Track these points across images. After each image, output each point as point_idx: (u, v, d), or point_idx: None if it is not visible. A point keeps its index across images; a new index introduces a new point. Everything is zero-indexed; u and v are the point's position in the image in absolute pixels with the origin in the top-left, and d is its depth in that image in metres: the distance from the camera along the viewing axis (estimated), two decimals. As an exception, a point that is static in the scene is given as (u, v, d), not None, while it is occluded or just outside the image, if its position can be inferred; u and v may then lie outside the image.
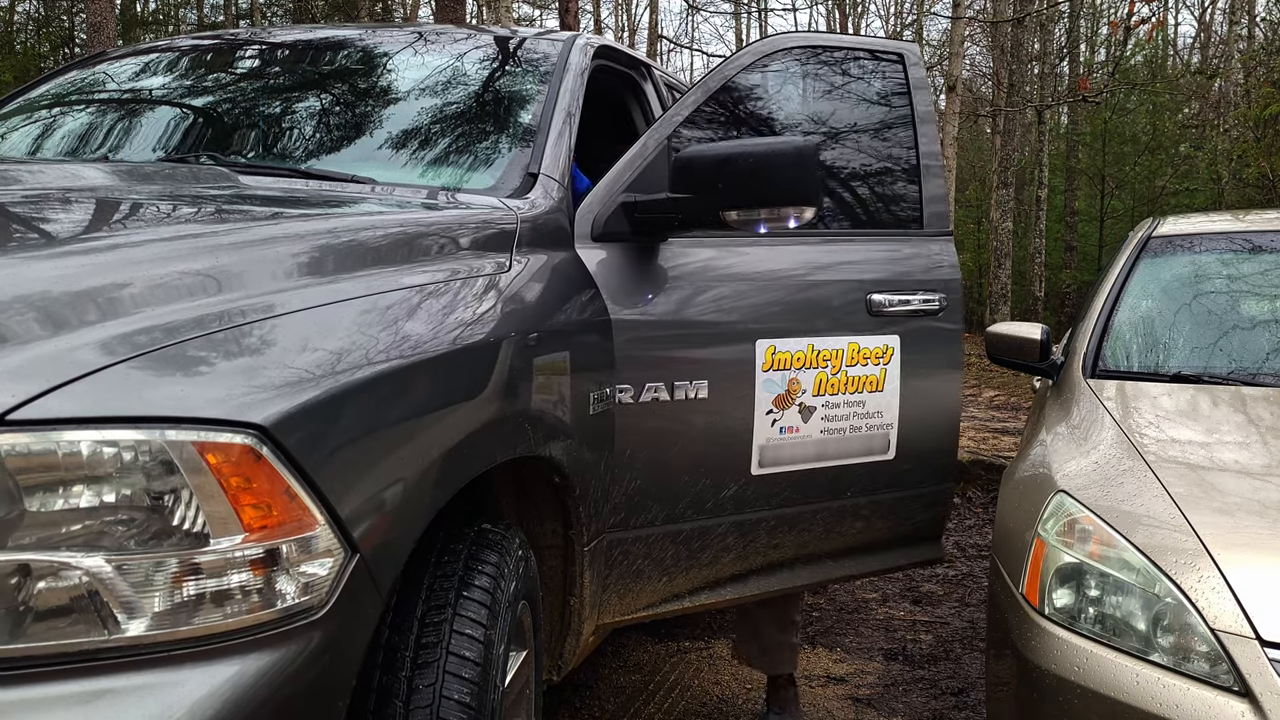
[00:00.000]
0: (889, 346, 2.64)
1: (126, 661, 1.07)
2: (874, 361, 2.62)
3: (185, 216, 1.62)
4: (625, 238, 2.27)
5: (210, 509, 1.12)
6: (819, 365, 2.52)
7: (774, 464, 2.50)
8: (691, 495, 2.39)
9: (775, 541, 2.59)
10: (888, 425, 2.67)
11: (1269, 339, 2.88)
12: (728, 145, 2.19)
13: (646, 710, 3.05)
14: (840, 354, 2.56)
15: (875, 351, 2.63)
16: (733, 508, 2.46)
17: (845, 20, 24.64)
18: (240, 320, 1.27)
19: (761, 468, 2.48)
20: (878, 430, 2.66)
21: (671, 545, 2.38)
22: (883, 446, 2.69)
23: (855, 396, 2.60)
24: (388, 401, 1.38)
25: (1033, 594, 2.00)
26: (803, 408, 2.52)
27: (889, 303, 2.66)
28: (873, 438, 2.66)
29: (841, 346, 2.56)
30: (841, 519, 2.70)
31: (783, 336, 2.47)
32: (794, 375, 2.49)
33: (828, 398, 2.55)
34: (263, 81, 2.72)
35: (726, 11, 30.98)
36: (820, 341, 2.53)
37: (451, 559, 1.66)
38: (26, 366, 1.06)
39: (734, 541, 2.51)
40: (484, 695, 1.54)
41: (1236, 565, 1.80)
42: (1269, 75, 13.07)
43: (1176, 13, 29.86)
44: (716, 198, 2.13)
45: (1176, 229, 3.45)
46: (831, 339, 2.55)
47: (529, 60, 2.69)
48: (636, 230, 2.27)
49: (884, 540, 2.84)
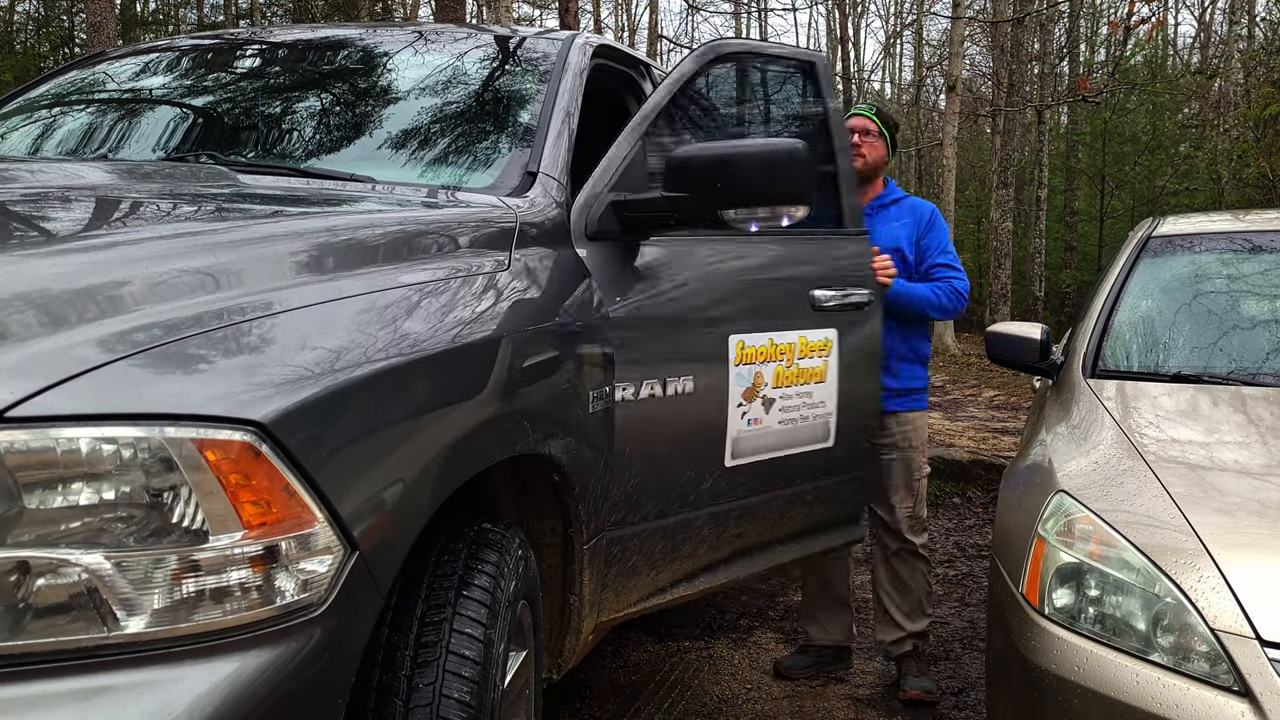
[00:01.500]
0: (829, 340, 2.79)
1: (126, 658, 1.07)
2: (818, 354, 2.75)
3: (184, 215, 1.62)
4: (615, 236, 2.29)
5: (209, 506, 1.12)
6: (777, 358, 2.63)
7: (742, 455, 2.59)
8: (679, 489, 2.45)
9: (740, 530, 2.67)
10: (829, 414, 2.82)
11: (1269, 339, 2.88)
12: (724, 146, 2.22)
13: (646, 710, 3.05)
14: (793, 347, 2.68)
15: (818, 344, 2.76)
16: (709, 499, 2.53)
17: (845, 20, 24.62)
18: (239, 318, 1.27)
19: (733, 459, 2.56)
20: (820, 419, 2.80)
21: (660, 539, 2.42)
22: (825, 435, 2.83)
23: (805, 388, 2.73)
24: (387, 399, 1.38)
25: (1033, 594, 2.00)
26: (765, 400, 2.62)
27: (827, 298, 2.79)
28: (817, 427, 2.80)
29: (793, 340, 2.68)
30: (791, 505, 2.83)
31: (749, 331, 2.56)
32: (758, 369, 2.58)
33: (783, 389, 2.66)
34: (262, 81, 2.72)
35: (726, 11, 30.99)
36: (778, 336, 2.64)
37: (451, 558, 1.66)
38: (26, 364, 1.06)
39: (709, 533, 2.58)
40: (484, 694, 1.54)
41: (1236, 565, 1.79)
42: (1269, 75, 13.08)
43: (1176, 13, 29.90)
44: (714, 197, 2.16)
45: (1176, 229, 3.45)
46: (785, 333, 2.67)
47: (528, 59, 2.69)
48: (626, 229, 2.30)
49: (823, 523, 2.99)
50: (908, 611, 3.31)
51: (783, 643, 3.64)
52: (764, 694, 3.20)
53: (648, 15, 33.49)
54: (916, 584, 3.32)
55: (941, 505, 5.69)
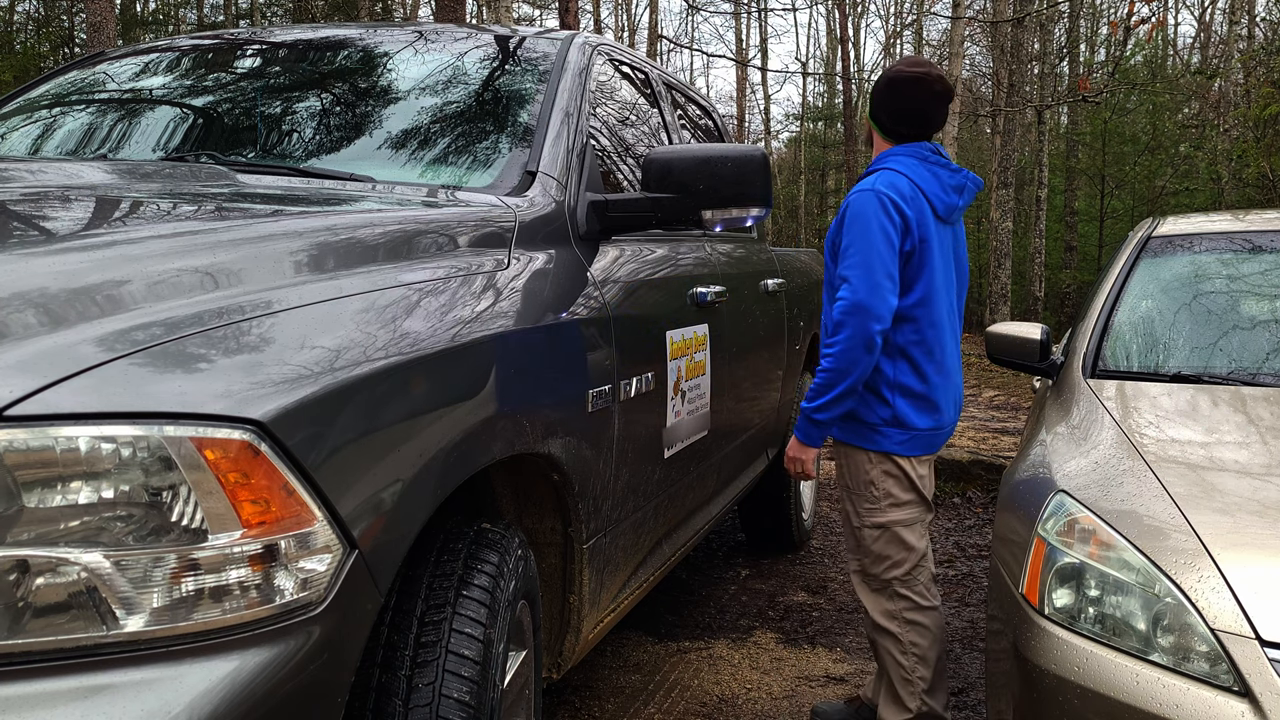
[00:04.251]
0: (706, 335, 2.94)
1: (125, 657, 1.07)
2: (699, 348, 2.89)
3: (184, 214, 1.62)
4: (595, 237, 2.34)
5: (208, 505, 1.12)
6: (686, 353, 2.75)
7: (671, 445, 2.69)
8: (651, 483, 2.54)
9: (663, 518, 2.77)
10: (708, 403, 3.00)
11: (1269, 339, 2.88)
12: (701, 148, 2.30)
13: (646, 710, 3.05)
14: (691, 342, 2.80)
15: (699, 339, 2.89)
16: (656, 490, 2.61)
17: (845, 20, 24.61)
18: (239, 317, 1.27)
19: (668, 449, 2.66)
20: (704, 409, 2.96)
21: (632, 533, 2.48)
22: (708, 423, 3.02)
23: (697, 380, 2.89)
24: (386, 398, 1.38)
25: (1033, 594, 2.00)
26: (683, 394, 2.73)
27: (703, 295, 2.92)
28: (705, 416, 2.97)
29: (690, 336, 2.79)
30: (690, 490, 3.01)
31: (675, 327, 2.68)
32: (679, 363, 2.69)
33: (688, 382, 2.79)
34: (262, 81, 2.72)
35: (726, 11, 31.00)
36: (686, 331, 2.76)
37: (451, 558, 1.66)
38: (25, 362, 1.06)
39: (654, 523, 2.67)
40: (483, 694, 1.54)
41: (1236, 565, 1.79)
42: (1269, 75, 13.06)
43: (1176, 13, 29.88)
44: (696, 198, 2.24)
45: (1176, 229, 3.45)
46: (688, 329, 2.78)
47: (528, 59, 2.69)
48: (607, 229, 2.35)
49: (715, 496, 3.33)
50: (886, 696, 2.71)
51: (783, 643, 3.64)
52: (764, 694, 3.20)
53: (648, 15, 33.52)
54: (888, 665, 2.67)
55: (941, 505, 5.69)
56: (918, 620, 2.64)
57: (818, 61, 37.22)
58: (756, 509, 4.54)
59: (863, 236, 2.48)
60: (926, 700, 2.64)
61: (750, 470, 3.89)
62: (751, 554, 4.72)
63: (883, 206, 2.49)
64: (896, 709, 2.66)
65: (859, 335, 2.46)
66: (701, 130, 3.99)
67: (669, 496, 2.76)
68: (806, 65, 36.12)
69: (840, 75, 24.26)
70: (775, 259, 4.27)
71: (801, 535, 4.71)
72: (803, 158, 33.05)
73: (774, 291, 3.93)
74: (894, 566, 2.65)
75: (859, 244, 2.49)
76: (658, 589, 3.91)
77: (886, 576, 2.65)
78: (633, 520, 2.45)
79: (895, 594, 2.65)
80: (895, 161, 2.61)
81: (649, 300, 2.54)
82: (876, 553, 2.65)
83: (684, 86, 3.88)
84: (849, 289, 2.47)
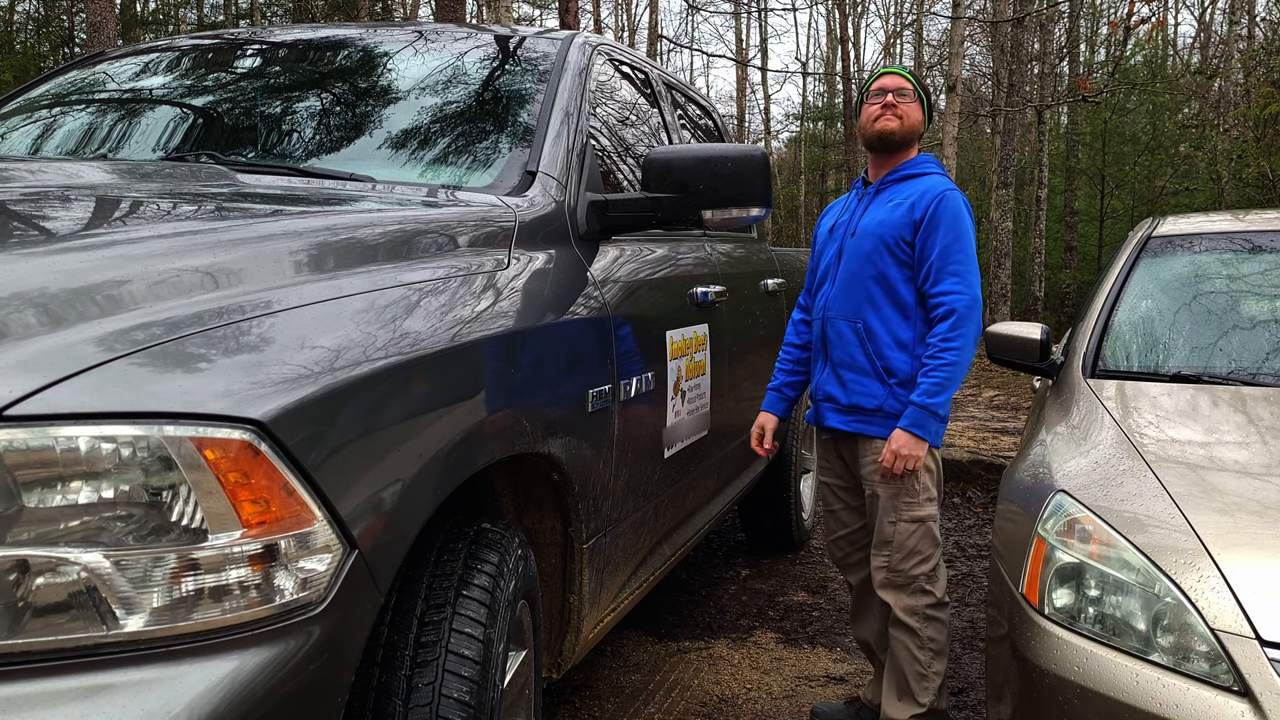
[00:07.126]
0: (706, 335, 2.97)
1: (125, 657, 1.07)
2: (699, 348, 2.92)
3: (184, 214, 1.62)
4: (595, 237, 2.34)
5: (208, 505, 1.12)
6: (686, 353, 2.76)
7: (671, 445, 2.70)
8: (651, 483, 2.55)
9: (663, 518, 2.78)
10: (708, 403, 3.02)
11: (1269, 339, 2.88)
12: (701, 148, 2.31)
13: (646, 710, 3.05)
14: (691, 342, 2.82)
15: (699, 339, 2.91)
16: (656, 490, 2.62)
17: (845, 20, 24.59)
18: (239, 316, 1.27)
19: (668, 449, 2.67)
20: (704, 409, 2.98)
21: (632, 533, 2.49)
22: (708, 423, 3.03)
23: (697, 379, 2.91)
24: (386, 398, 1.38)
25: (1033, 594, 2.00)
26: (682, 393, 2.74)
27: (703, 295, 2.95)
28: (705, 416, 2.98)
29: (689, 336, 2.80)
30: (690, 490, 3.02)
31: (675, 327, 2.69)
32: (679, 363, 2.70)
33: (688, 381, 2.81)
34: (262, 81, 2.72)
35: (726, 11, 31.00)
36: (686, 331, 2.77)
37: (451, 558, 1.66)
38: (25, 362, 1.06)
39: (654, 523, 2.67)
40: (483, 694, 1.54)
41: (1236, 565, 1.79)
42: (1269, 75, 13.06)
43: (1176, 13, 29.86)
44: (696, 198, 2.25)
45: (1176, 229, 3.45)
46: (688, 329, 2.79)
47: (528, 59, 2.69)
48: (607, 229, 2.36)
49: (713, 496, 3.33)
50: (896, 692, 2.70)
51: (783, 643, 3.64)
52: (764, 694, 3.20)
53: (648, 15, 33.52)
54: (903, 659, 2.67)
55: (941, 505, 5.69)
56: (937, 616, 2.69)
57: (818, 61, 37.22)
58: (756, 509, 4.54)
59: (966, 233, 2.59)
60: (938, 695, 2.69)
61: (750, 470, 3.89)
62: (751, 554, 4.72)
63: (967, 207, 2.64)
64: (907, 704, 2.68)
65: (977, 330, 2.55)
66: (701, 130, 3.99)
67: (669, 496, 2.76)
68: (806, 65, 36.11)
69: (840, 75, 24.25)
70: (775, 259, 4.27)
71: (801, 535, 4.71)
72: (803, 158, 33.04)
73: (774, 291, 3.93)
74: (924, 562, 2.68)
75: (964, 240, 2.59)
76: (658, 589, 3.91)
77: (915, 572, 2.67)
78: (633, 520, 2.45)
79: (921, 590, 2.68)
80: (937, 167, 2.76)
81: (649, 300, 2.54)
82: (910, 548, 2.67)
83: (684, 86, 3.88)
84: (964, 285, 2.55)
